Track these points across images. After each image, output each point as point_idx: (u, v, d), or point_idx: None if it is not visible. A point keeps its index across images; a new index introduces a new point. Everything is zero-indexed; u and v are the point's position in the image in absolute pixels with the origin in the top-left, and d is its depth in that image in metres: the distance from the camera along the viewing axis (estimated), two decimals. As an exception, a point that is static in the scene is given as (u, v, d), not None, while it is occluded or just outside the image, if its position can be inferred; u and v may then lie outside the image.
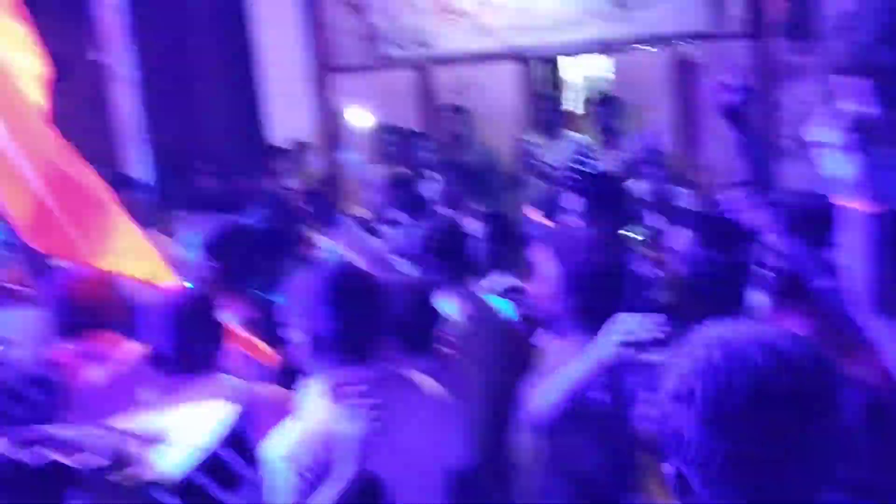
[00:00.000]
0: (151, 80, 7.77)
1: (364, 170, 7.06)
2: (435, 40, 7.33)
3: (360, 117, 8.04)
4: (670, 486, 1.35)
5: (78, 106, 8.97)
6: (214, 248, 3.32)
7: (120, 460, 1.80)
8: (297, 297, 2.41)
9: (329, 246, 4.09)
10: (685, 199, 4.95)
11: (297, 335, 2.40)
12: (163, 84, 7.76)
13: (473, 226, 4.04)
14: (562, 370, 2.57)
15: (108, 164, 7.34)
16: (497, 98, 7.51)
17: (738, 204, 2.81)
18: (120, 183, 5.94)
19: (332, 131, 8.01)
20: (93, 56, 7.83)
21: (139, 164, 7.69)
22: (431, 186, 5.66)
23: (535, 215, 4.60)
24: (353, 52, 8.16)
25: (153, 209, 5.58)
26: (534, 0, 6.93)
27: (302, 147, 7.54)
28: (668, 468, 1.35)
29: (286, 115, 8.23)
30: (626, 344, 2.38)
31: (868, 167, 1.78)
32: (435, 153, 6.53)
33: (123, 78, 7.72)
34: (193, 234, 3.80)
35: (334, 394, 2.32)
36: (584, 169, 5.55)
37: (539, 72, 7.67)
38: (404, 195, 5.19)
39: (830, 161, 1.82)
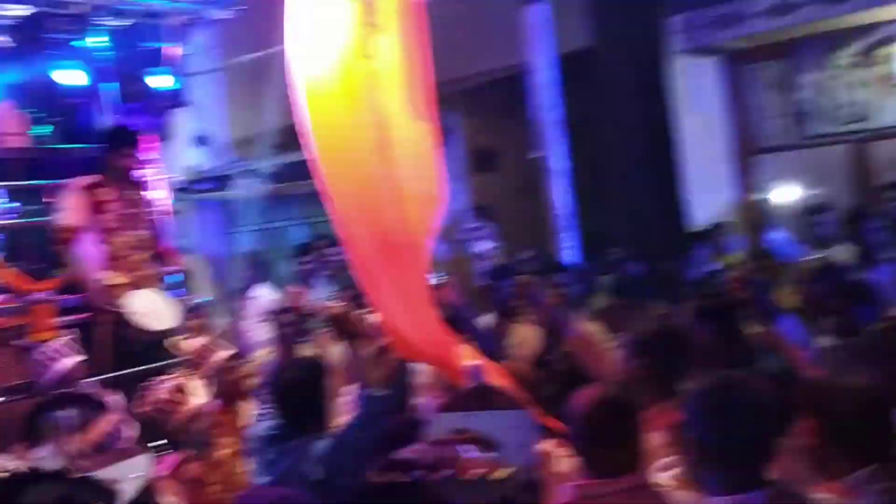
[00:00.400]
0: (579, 170, 7.89)
1: (796, 254, 6.35)
2: (875, 114, 6.58)
3: (787, 197, 7.42)
4: None
5: (513, 196, 9.43)
6: (642, 343, 3.05)
7: None
8: (692, 406, 2.09)
9: (761, 342, 3.62)
10: None
11: (691, 448, 2.07)
12: (589, 174, 7.83)
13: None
14: None
15: (540, 249, 7.51)
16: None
17: None
18: (551, 269, 5.99)
19: (756, 213, 7.48)
20: (528, 151, 8.18)
21: (569, 250, 7.78)
22: (880, 272, 4.87)
23: None
24: (779, 132, 7.62)
25: (581, 294, 5.51)
26: None
27: (724, 230, 7.08)
28: None
29: (707, 198, 7.86)
30: None
31: None
32: (880, 234, 5.66)
33: (555, 170, 7.93)
34: (618, 324, 3.58)
35: None
36: None
37: None
38: (846, 282, 4.48)
39: None
